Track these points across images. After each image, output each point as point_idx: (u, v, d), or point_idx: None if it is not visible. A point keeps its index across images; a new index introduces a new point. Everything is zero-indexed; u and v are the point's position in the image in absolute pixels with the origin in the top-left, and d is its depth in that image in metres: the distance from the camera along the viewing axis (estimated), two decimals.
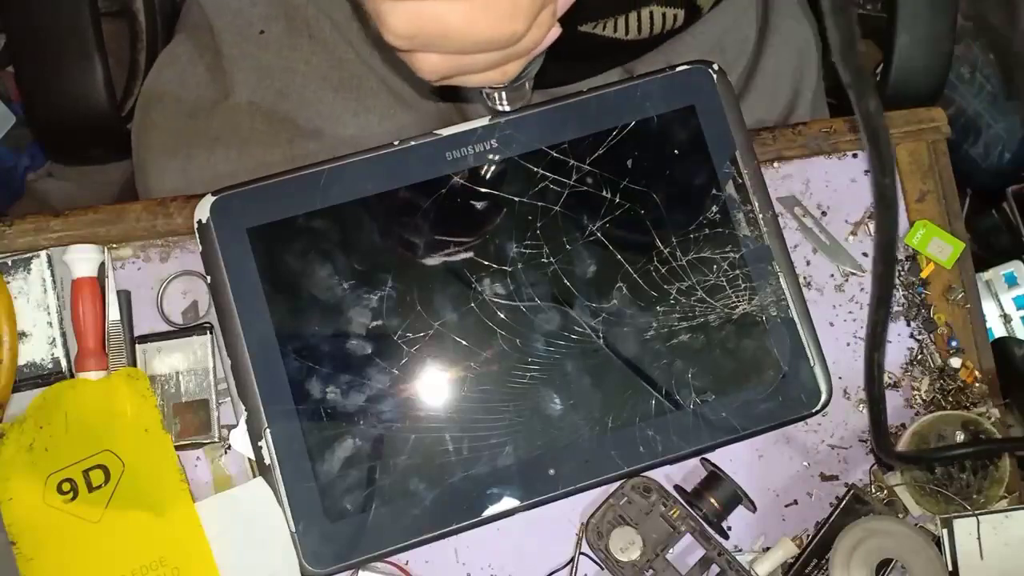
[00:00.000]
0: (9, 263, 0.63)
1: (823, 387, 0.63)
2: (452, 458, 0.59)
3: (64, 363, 0.62)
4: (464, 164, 0.61)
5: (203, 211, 0.60)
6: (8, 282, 0.62)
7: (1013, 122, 1.17)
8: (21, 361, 0.62)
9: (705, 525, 0.62)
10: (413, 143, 0.62)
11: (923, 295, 0.69)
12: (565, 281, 0.61)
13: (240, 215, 0.60)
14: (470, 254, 0.61)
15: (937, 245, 0.69)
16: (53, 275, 0.63)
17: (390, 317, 0.60)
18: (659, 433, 0.61)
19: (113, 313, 0.63)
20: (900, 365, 0.68)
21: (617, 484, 0.62)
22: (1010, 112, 1.16)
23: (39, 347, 0.62)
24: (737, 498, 0.63)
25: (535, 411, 0.60)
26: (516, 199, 0.61)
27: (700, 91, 0.64)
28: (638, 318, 0.62)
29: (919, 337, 0.69)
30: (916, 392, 0.68)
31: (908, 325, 0.69)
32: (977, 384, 0.68)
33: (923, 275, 0.69)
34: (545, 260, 0.61)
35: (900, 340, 0.68)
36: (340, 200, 0.61)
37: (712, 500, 0.62)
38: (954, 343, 0.69)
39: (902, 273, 0.69)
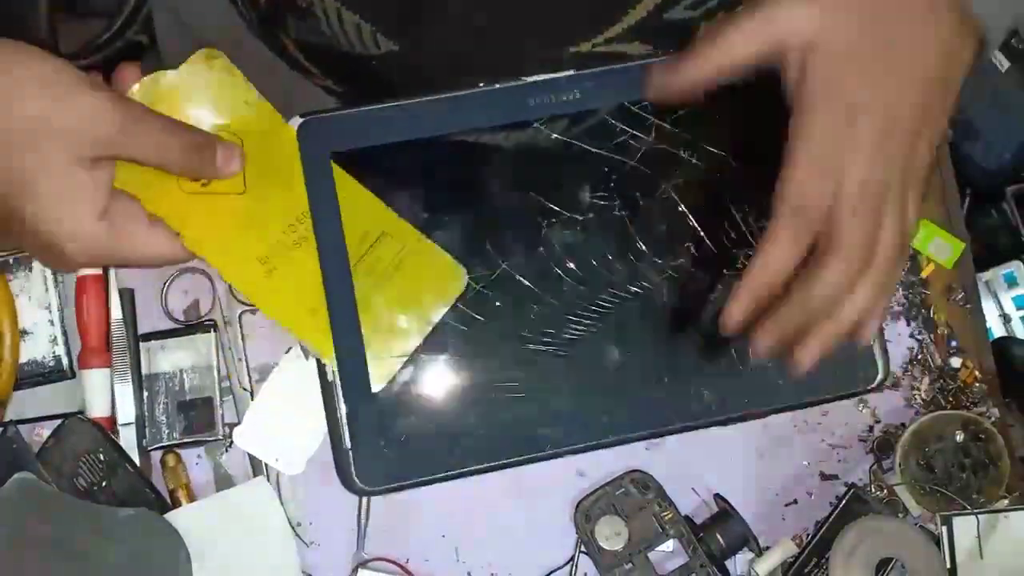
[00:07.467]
0: (10, 261, 0.63)
1: (880, 363, 0.62)
2: (508, 395, 0.60)
3: (65, 361, 0.62)
4: (545, 111, 0.61)
5: None
6: (10, 280, 0.62)
7: (1013, 122, 1.17)
8: (23, 359, 0.62)
9: (694, 539, 0.62)
10: (498, 86, 0.62)
11: (923, 295, 0.69)
12: (635, 236, 0.62)
13: (326, 140, 0.60)
14: (543, 199, 0.61)
15: (937, 245, 0.69)
16: (54, 273, 0.63)
17: (460, 253, 0.60)
18: (715, 393, 0.60)
19: (116, 311, 0.63)
20: (900, 365, 0.68)
21: (618, 475, 0.63)
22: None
23: (41, 345, 0.62)
24: (744, 540, 0.62)
25: (593, 359, 0.60)
26: (594, 150, 0.62)
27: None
28: (705, 279, 0.62)
29: (919, 337, 0.69)
30: (916, 392, 0.68)
31: (908, 325, 0.69)
32: (977, 384, 0.68)
33: (923, 275, 0.69)
34: (617, 213, 0.62)
35: (900, 340, 0.69)
36: (422, 135, 0.60)
37: (719, 537, 0.62)
38: (954, 343, 0.69)
39: (902, 273, 0.69)
